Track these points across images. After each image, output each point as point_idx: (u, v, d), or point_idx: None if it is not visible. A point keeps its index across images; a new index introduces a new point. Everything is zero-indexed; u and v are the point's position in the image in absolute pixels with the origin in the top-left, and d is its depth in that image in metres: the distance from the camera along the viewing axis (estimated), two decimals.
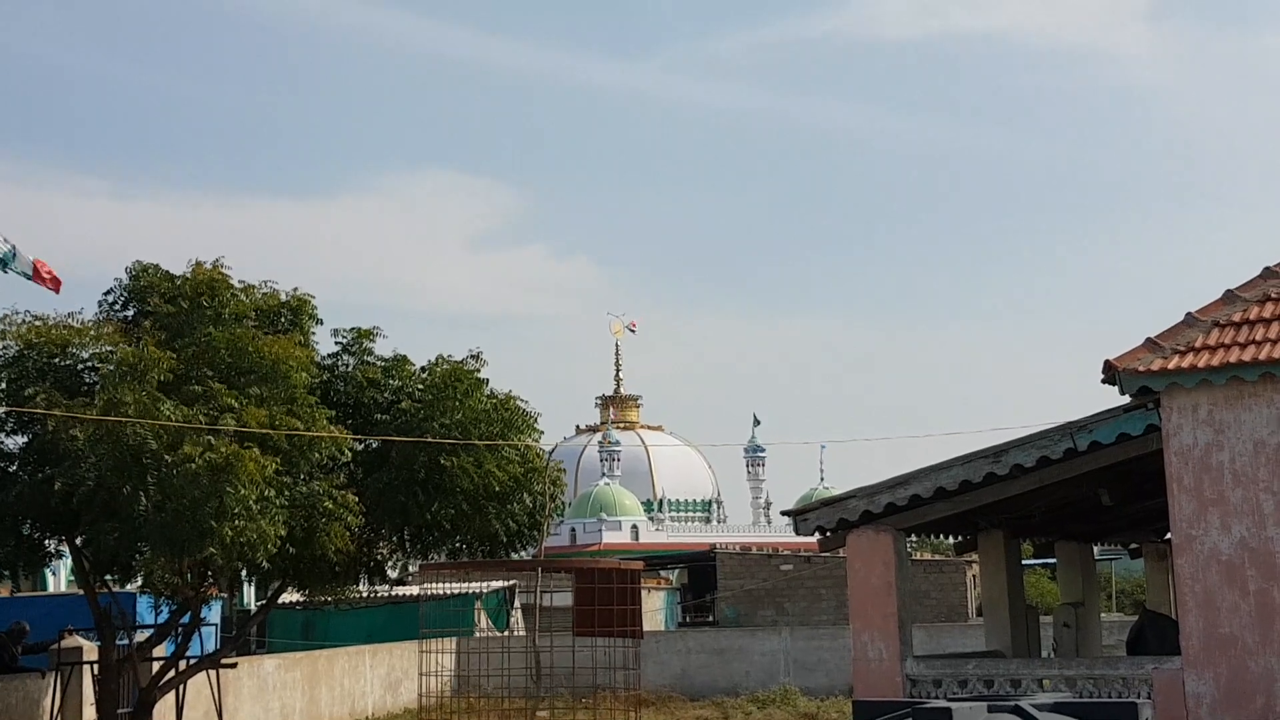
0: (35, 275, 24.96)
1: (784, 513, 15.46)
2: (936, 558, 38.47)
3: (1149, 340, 12.30)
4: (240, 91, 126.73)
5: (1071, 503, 15.76)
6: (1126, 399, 12.35)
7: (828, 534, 14.01)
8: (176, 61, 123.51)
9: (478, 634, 27.86)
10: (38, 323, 14.79)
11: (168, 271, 15.54)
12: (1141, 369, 12.04)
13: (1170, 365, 11.99)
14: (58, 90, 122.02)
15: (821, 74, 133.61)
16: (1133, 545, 22.94)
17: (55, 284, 25.74)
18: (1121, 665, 12.88)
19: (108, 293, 15.78)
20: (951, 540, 18.81)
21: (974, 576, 34.03)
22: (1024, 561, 19.93)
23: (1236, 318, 12.36)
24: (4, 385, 14.57)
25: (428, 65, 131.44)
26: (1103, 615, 23.77)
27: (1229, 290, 12.71)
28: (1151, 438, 12.35)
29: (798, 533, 14.45)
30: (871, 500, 13.46)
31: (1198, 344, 12.14)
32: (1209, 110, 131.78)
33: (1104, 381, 12.33)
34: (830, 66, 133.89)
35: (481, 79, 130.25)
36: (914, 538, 16.76)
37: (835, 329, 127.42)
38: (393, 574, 17.82)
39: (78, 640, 16.85)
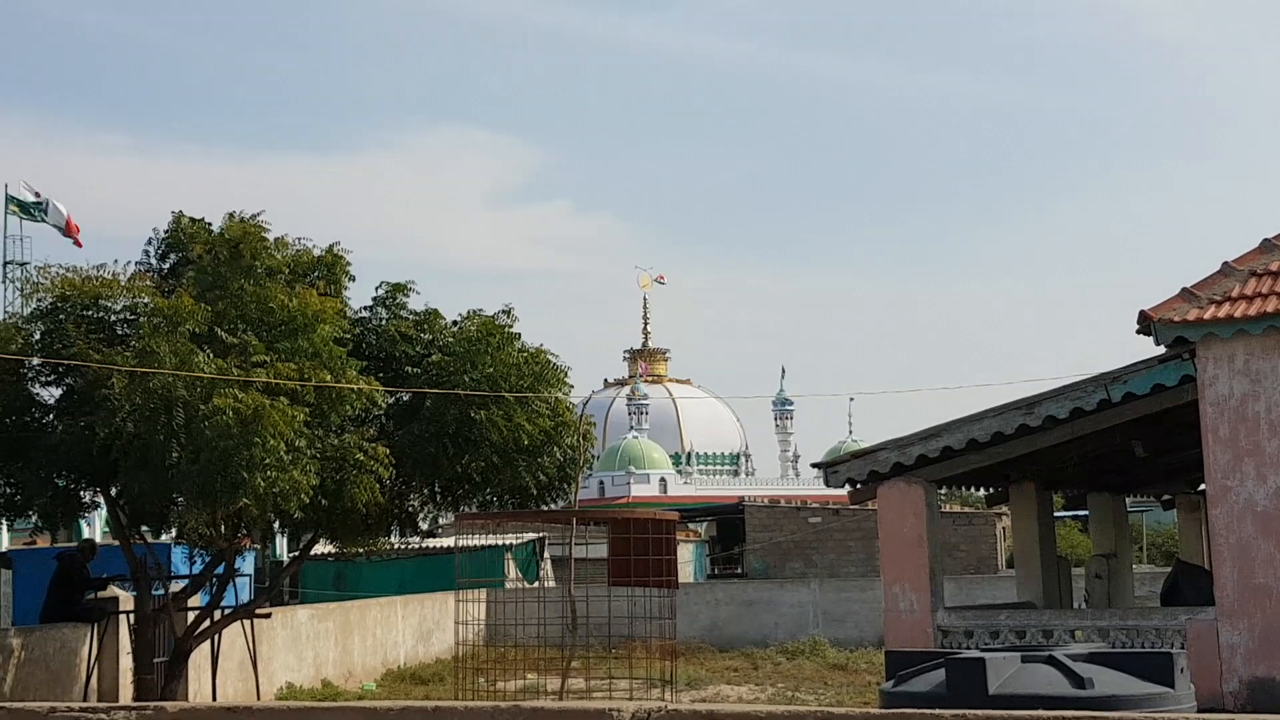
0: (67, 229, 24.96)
1: (815, 465, 15.44)
2: (965, 510, 38.43)
3: (1185, 290, 12.19)
4: (259, 46, 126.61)
5: (1104, 454, 15.69)
6: (1161, 349, 12.27)
7: (858, 486, 14.00)
8: (196, 16, 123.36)
9: (508, 585, 28.06)
10: (71, 275, 14.85)
11: (206, 223, 15.58)
12: (1177, 319, 11.94)
13: (1206, 315, 11.89)
14: (77, 46, 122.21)
15: (843, 26, 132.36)
16: (1165, 497, 22.89)
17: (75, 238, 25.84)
18: (1155, 616, 12.86)
19: (148, 244, 15.90)
20: (982, 493, 18.79)
21: (1004, 529, 33.99)
22: (1055, 514, 19.89)
23: (1274, 267, 12.23)
24: (39, 336, 14.67)
25: (445, 20, 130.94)
26: (1134, 567, 23.71)
27: (1266, 239, 12.58)
28: (1186, 388, 12.27)
29: (828, 485, 14.44)
30: (903, 452, 13.44)
31: (1234, 293, 12.02)
32: (1243, 58, 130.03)
33: (1139, 332, 12.24)
34: (852, 18, 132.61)
35: (500, 34, 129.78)
36: (942, 490, 16.74)
37: (863, 282, 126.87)
38: (424, 526, 17.90)
39: (114, 590, 17.03)
